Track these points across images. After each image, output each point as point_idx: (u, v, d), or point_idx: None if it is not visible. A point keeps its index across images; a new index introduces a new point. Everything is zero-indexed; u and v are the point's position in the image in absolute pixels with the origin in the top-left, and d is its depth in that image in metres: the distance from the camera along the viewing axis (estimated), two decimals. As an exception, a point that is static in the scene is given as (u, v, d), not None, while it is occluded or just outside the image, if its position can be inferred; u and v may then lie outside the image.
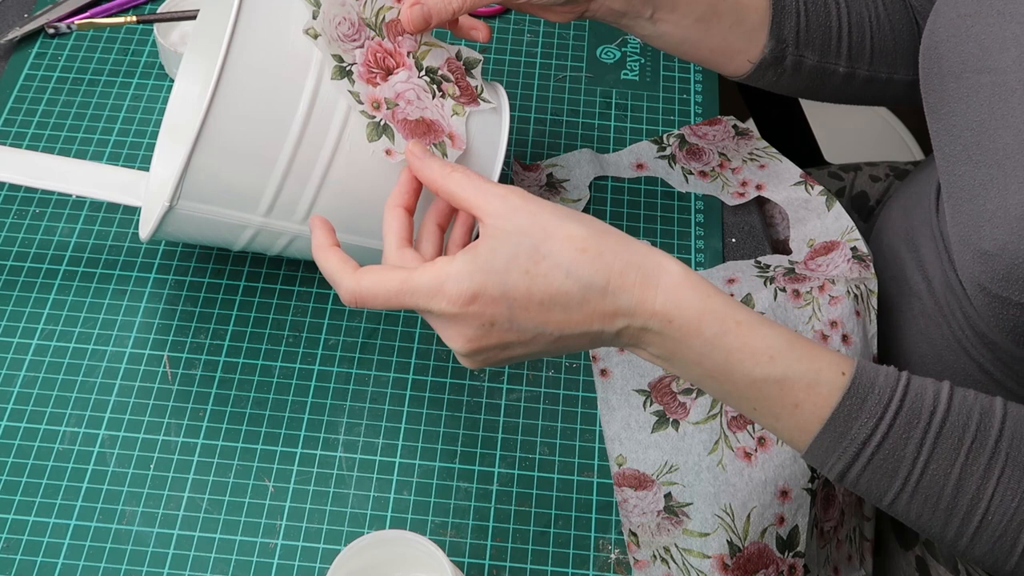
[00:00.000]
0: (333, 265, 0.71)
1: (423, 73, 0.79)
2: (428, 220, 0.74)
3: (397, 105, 0.77)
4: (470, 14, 0.83)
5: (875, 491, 0.70)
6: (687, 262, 0.95)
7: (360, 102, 0.77)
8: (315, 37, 0.76)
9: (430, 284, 0.67)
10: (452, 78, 0.80)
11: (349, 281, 0.69)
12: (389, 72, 0.78)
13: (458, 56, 0.81)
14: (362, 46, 0.77)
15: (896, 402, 0.68)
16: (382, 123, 0.77)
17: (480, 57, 0.81)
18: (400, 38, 0.78)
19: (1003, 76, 0.75)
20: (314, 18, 0.76)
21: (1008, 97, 0.74)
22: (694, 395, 0.86)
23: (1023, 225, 0.70)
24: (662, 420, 0.85)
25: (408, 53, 0.78)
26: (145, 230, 0.84)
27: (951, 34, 0.80)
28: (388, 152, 0.77)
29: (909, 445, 0.68)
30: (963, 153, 0.77)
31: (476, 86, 0.81)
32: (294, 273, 0.92)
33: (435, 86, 0.79)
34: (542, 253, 0.67)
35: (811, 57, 0.90)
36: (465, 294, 0.67)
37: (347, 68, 0.76)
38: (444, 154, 0.78)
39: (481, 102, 0.80)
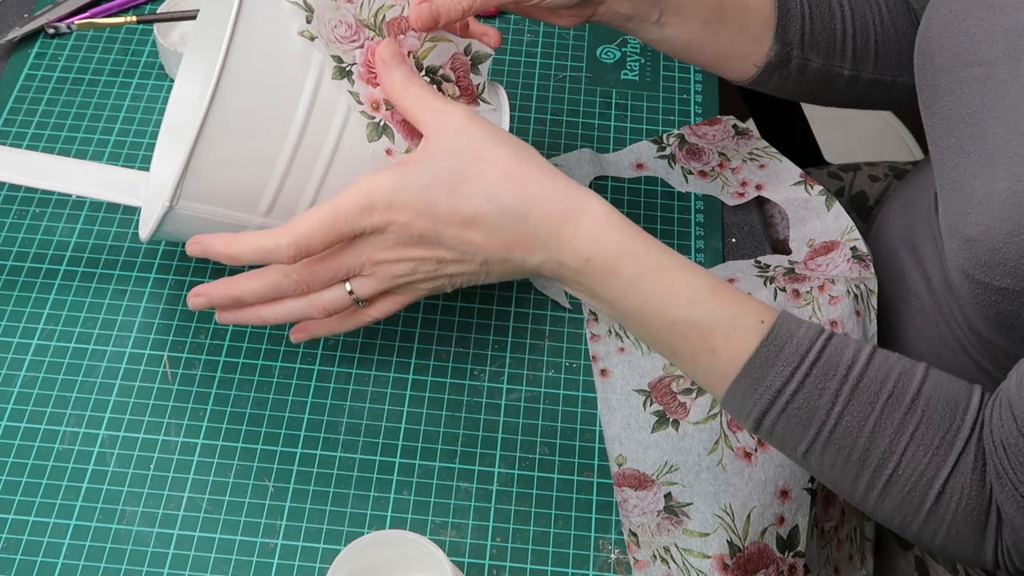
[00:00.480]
0: (255, 240, 0.72)
1: (423, 74, 0.78)
2: None
3: (394, 107, 0.77)
4: (476, 16, 0.83)
5: (790, 441, 0.71)
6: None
7: (360, 102, 0.77)
8: (311, 39, 0.76)
9: (359, 200, 0.70)
10: (453, 77, 0.79)
11: (281, 236, 0.71)
12: None
13: (467, 51, 0.80)
14: (362, 46, 0.77)
15: (814, 353, 0.69)
16: (382, 123, 0.77)
17: (490, 52, 0.81)
18: (402, 37, 0.78)
19: (993, 68, 0.75)
20: (308, 22, 0.76)
21: (998, 88, 0.74)
22: (694, 395, 0.86)
23: (1006, 210, 0.70)
24: (662, 420, 0.85)
25: (409, 53, 0.78)
26: (145, 230, 0.84)
27: (943, 29, 0.80)
28: (388, 152, 0.77)
29: (824, 396, 0.69)
30: (956, 145, 0.77)
31: (479, 83, 0.80)
32: (294, 273, 0.92)
33: (435, 87, 0.78)
34: (468, 175, 0.70)
35: (816, 60, 0.90)
36: (391, 200, 0.70)
37: (347, 68, 0.76)
38: None
39: (480, 102, 0.80)
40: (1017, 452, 0.66)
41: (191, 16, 1.03)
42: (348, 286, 0.75)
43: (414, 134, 0.77)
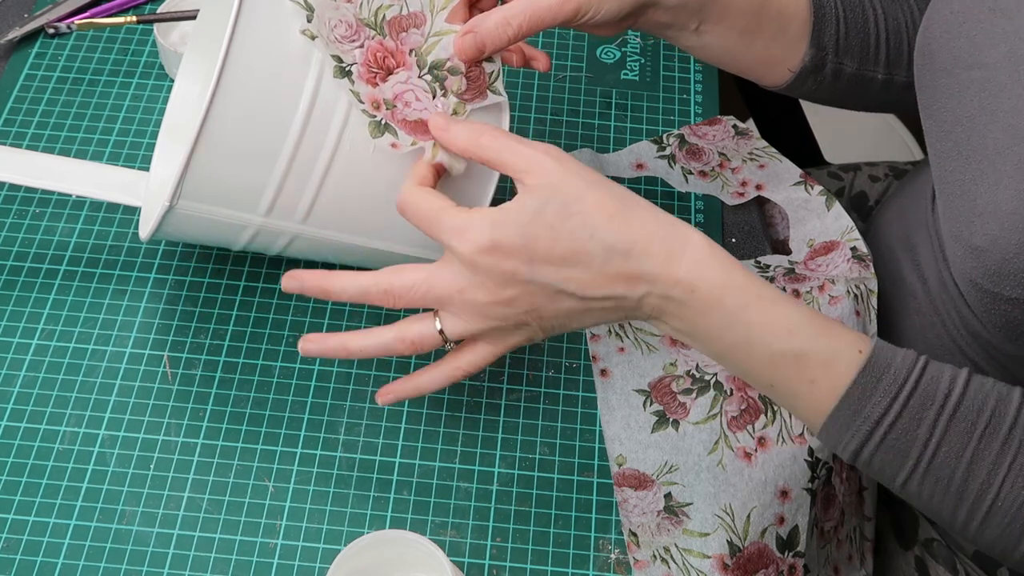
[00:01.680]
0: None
1: (425, 72, 0.78)
2: None
3: (395, 107, 0.77)
4: None
5: (888, 472, 0.70)
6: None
7: (360, 101, 0.77)
8: (312, 38, 0.76)
9: (458, 223, 0.70)
10: (462, 69, 0.78)
11: (409, 185, 0.73)
12: (389, 72, 0.78)
13: None
14: (362, 46, 0.77)
15: (912, 383, 0.69)
16: (383, 122, 0.77)
17: None
18: (404, 34, 0.78)
19: (993, 72, 0.75)
20: (308, 21, 0.75)
21: (998, 92, 0.74)
22: (694, 395, 0.86)
23: (1014, 220, 0.70)
24: (662, 420, 0.85)
25: (411, 51, 0.78)
26: (145, 230, 0.84)
27: (943, 31, 0.80)
28: (394, 145, 0.77)
29: (922, 426, 0.68)
30: (954, 149, 0.77)
31: (492, 71, 0.79)
32: (294, 273, 0.92)
33: (437, 84, 0.78)
34: (570, 212, 0.69)
35: (850, 64, 0.90)
36: (484, 242, 0.69)
37: (347, 68, 0.76)
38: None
39: (490, 93, 0.79)
40: None
41: (191, 16, 1.03)
42: (438, 323, 0.74)
43: (417, 130, 0.77)
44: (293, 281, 0.76)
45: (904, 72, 0.91)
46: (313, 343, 0.77)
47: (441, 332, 0.74)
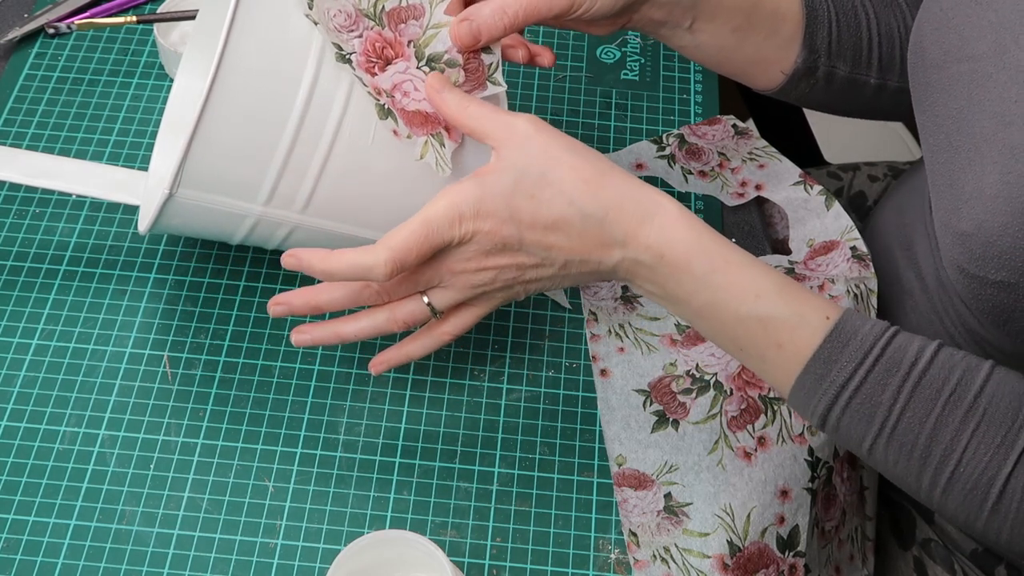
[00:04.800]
0: (352, 256, 0.73)
1: (423, 63, 0.78)
2: None
3: (393, 97, 0.77)
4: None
5: (855, 436, 0.72)
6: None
7: (365, 84, 0.77)
8: (316, 24, 0.76)
9: (447, 211, 0.72)
10: (460, 61, 0.78)
11: (379, 254, 0.72)
12: (388, 62, 0.78)
13: None
14: (360, 36, 0.77)
15: (878, 349, 0.70)
16: (387, 107, 0.77)
17: None
18: (402, 26, 0.78)
19: (980, 63, 0.76)
20: (310, 8, 0.76)
21: (985, 83, 0.75)
22: (694, 395, 0.86)
23: (998, 203, 0.70)
24: (662, 420, 0.85)
25: (409, 42, 0.78)
26: (144, 222, 0.84)
27: (934, 27, 0.81)
28: (395, 132, 0.78)
29: (887, 391, 0.70)
30: (945, 141, 0.77)
31: (491, 63, 0.79)
32: (294, 273, 0.92)
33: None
34: (548, 180, 0.72)
35: (843, 68, 0.90)
36: (477, 209, 0.72)
37: (347, 56, 0.76)
38: (442, 145, 0.78)
39: (489, 84, 0.79)
40: None
41: (191, 16, 1.03)
42: (426, 299, 0.76)
43: (414, 121, 0.77)
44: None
45: (897, 78, 0.92)
46: (306, 333, 0.79)
47: (429, 305, 0.76)
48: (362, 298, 0.76)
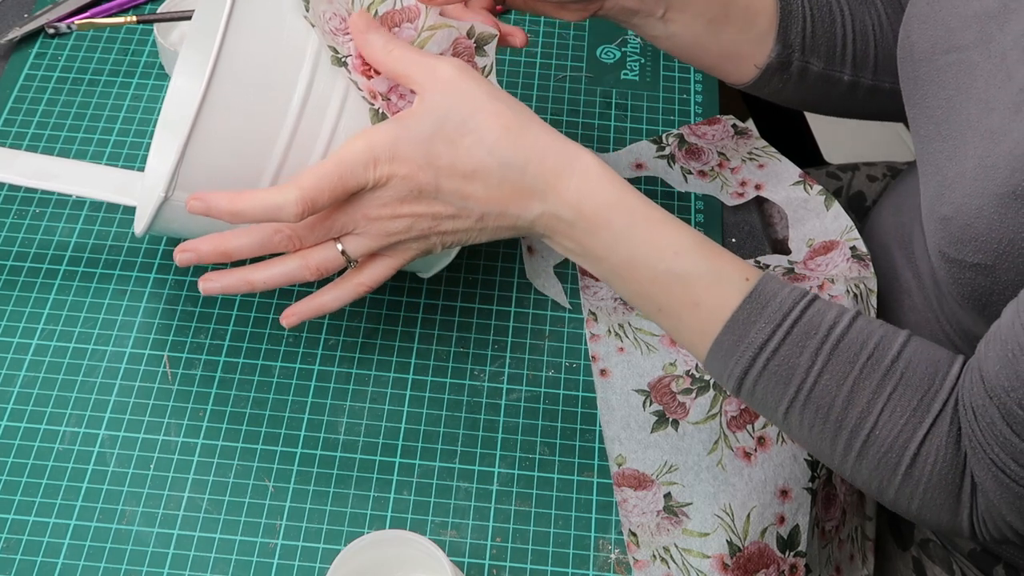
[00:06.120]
0: (262, 195, 0.71)
1: None
2: None
3: (389, 100, 0.77)
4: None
5: (771, 400, 0.71)
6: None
7: (359, 89, 0.77)
8: (313, 26, 0.76)
9: (363, 153, 0.70)
10: None
11: (290, 192, 0.70)
12: None
13: (470, 33, 0.79)
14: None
15: (797, 312, 0.70)
16: (381, 111, 0.77)
17: (495, 32, 0.79)
18: (397, 29, 0.78)
19: (967, 53, 0.76)
20: (307, 10, 0.76)
21: (971, 71, 0.75)
22: (693, 395, 0.86)
23: (976, 186, 0.70)
24: (661, 420, 0.85)
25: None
26: (140, 224, 0.84)
27: (920, 21, 0.81)
28: None
29: (804, 354, 0.70)
30: (935, 131, 0.78)
31: (484, 65, 0.79)
32: (294, 273, 0.92)
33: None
34: (468, 127, 0.71)
35: (816, 64, 0.90)
36: (393, 153, 0.70)
37: (342, 59, 0.76)
38: None
39: None
40: (984, 414, 0.67)
41: (191, 16, 1.03)
42: (340, 245, 0.74)
43: None
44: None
45: (871, 75, 0.92)
46: (214, 281, 0.76)
47: (343, 253, 0.74)
48: (273, 243, 0.74)
